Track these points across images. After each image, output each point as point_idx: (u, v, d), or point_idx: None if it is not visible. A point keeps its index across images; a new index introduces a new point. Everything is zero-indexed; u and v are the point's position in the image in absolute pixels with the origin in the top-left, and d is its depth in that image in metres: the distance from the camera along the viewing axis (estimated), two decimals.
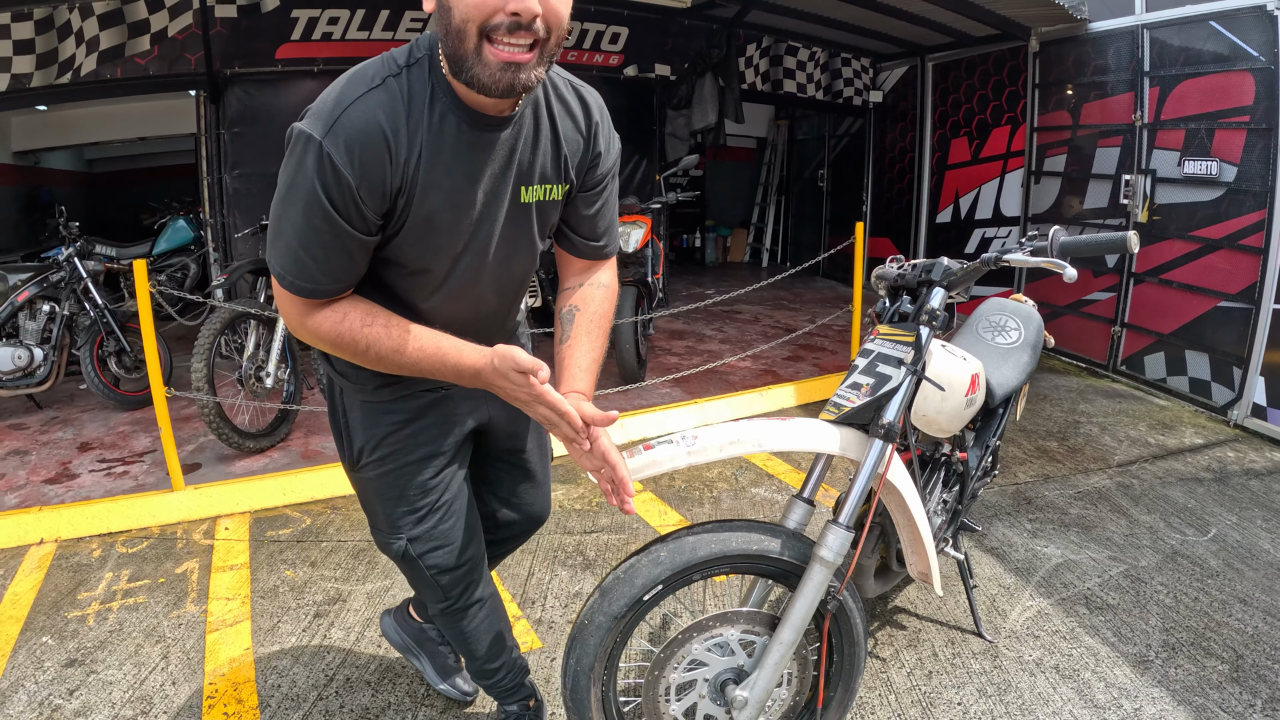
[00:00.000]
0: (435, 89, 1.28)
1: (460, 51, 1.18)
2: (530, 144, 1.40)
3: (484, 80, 1.19)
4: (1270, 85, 4.65)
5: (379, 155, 1.23)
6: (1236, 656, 2.52)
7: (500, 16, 1.13)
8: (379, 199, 1.26)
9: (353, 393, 1.59)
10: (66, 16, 5.27)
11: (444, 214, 1.34)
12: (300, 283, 1.29)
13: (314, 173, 1.20)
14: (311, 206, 1.22)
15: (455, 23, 1.15)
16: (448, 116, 1.28)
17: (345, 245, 1.27)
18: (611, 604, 1.54)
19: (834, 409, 1.70)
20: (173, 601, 2.91)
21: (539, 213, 1.48)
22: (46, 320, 4.84)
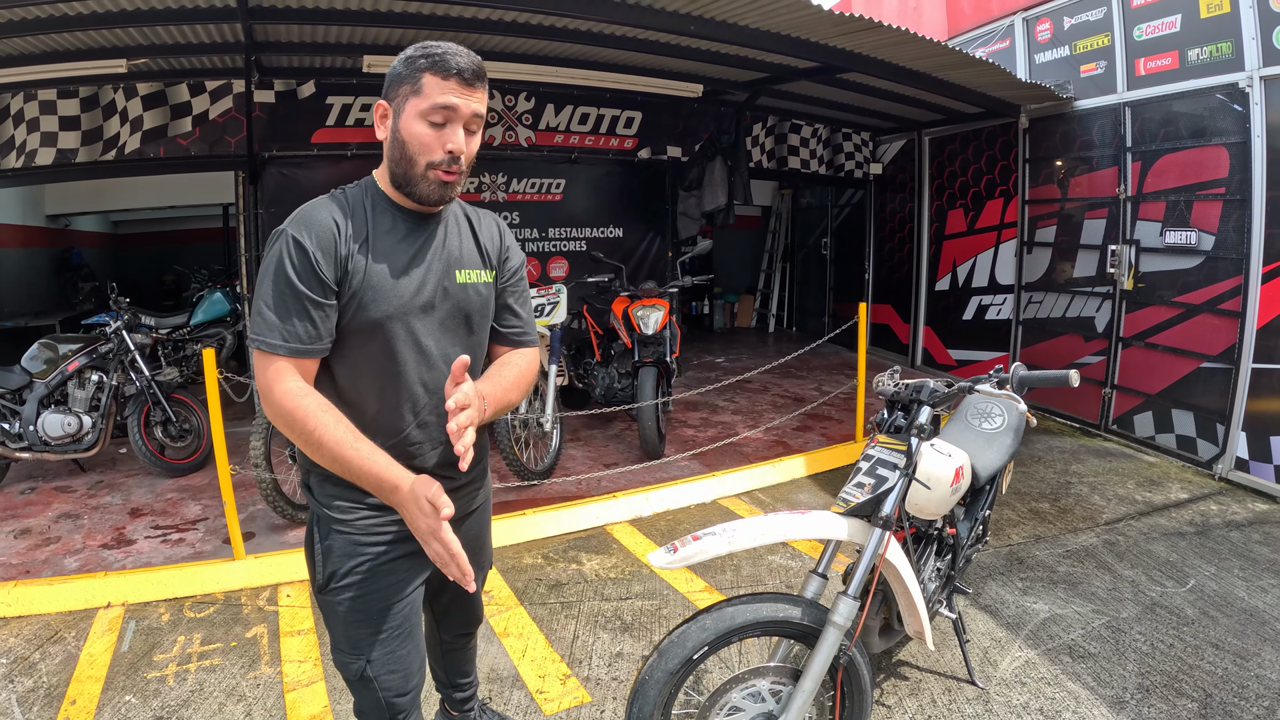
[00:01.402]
0: (374, 196, 1.69)
1: (410, 174, 1.63)
2: (457, 237, 1.79)
3: (425, 193, 1.64)
4: (1244, 159, 5.09)
5: (329, 231, 1.59)
6: (1206, 695, 2.86)
7: (441, 154, 1.60)
8: (333, 265, 1.58)
9: (333, 522, 1.72)
10: (111, 96, 5.61)
11: (389, 278, 1.64)
12: (268, 339, 1.55)
13: (281, 252, 1.56)
14: (279, 276, 1.55)
15: (409, 153, 1.61)
16: (385, 213, 1.69)
17: (304, 305, 1.55)
18: (668, 662, 1.95)
19: (842, 503, 2.14)
20: (248, 663, 3.13)
21: (473, 293, 1.79)
22: (95, 389, 5.10)
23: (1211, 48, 5.21)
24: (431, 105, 1.57)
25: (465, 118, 1.61)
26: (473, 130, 1.65)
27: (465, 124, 1.62)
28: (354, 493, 1.68)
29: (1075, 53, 6.36)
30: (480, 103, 1.63)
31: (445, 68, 1.57)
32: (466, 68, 1.58)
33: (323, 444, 1.52)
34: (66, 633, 3.40)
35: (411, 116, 1.60)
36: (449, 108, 1.58)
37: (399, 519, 1.69)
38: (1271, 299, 4.95)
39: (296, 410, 1.53)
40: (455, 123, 1.61)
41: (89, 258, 10.30)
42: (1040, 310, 7.00)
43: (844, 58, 5.33)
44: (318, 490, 1.74)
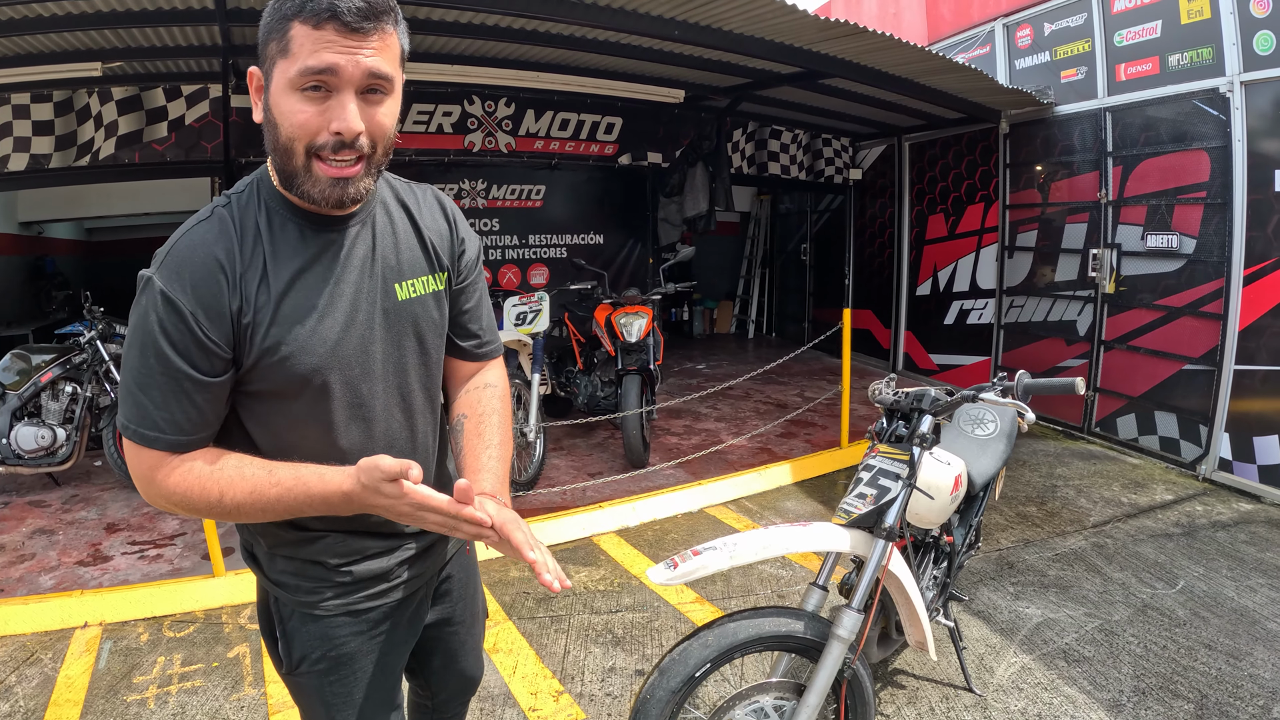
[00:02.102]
0: (268, 204, 1.25)
1: (289, 167, 1.18)
2: (390, 239, 1.36)
3: (314, 195, 1.19)
4: (1224, 163, 5.15)
5: (212, 277, 1.17)
6: (1201, 696, 2.87)
7: (325, 136, 1.14)
8: (222, 325, 1.17)
9: (297, 604, 1.40)
10: (86, 100, 5.47)
11: (305, 319, 1.24)
12: (141, 429, 1.17)
13: (150, 309, 1.15)
14: (147, 346, 1.15)
15: (283, 140, 1.16)
16: (287, 224, 1.25)
17: (183, 387, 1.17)
18: (670, 680, 1.90)
19: (844, 514, 2.10)
20: (230, 685, 3.04)
21: (421, 310, 1.38)
22: (69, 401, 4.98)
23: (1192, 53, 5.27)
24: (301, 68, 1.11)
25: (356, 79, 1.13)
26: (378, 93, 1.18)
27: (363, 87, 1.15)
28: (314, 568, 1.37)
29: (1056, 58, 6.42)
30: (380, 54, 1.14)
31: (316, 10, 1.09)
32: (347, 7, 1.09)
33: (240, 505, 1.19)
34: (43, 654, 3.30)
35: (281, 86, 1.14)
36: (327, 68, 1.11)
37: (378, 590, 1.42)
38: (1253, 301, 5.01)
39: (191, 488, 1.19)
40: (343, 90, 1.13)
41: (61, 266, 10.10)
42: (1022, 314, 7.04)
43: (827, 63, 5.33)
44: (268, 566, 1.40)
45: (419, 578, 1.49)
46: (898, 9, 8.65)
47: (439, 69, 5.89)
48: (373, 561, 1.40)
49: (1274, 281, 4.90)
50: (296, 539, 1.36)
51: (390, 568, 1.42)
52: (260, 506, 1.18)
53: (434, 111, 6.50)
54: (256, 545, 1.42)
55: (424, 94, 6.38)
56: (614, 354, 5.72)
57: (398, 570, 1.44)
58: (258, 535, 1.40)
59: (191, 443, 1.21)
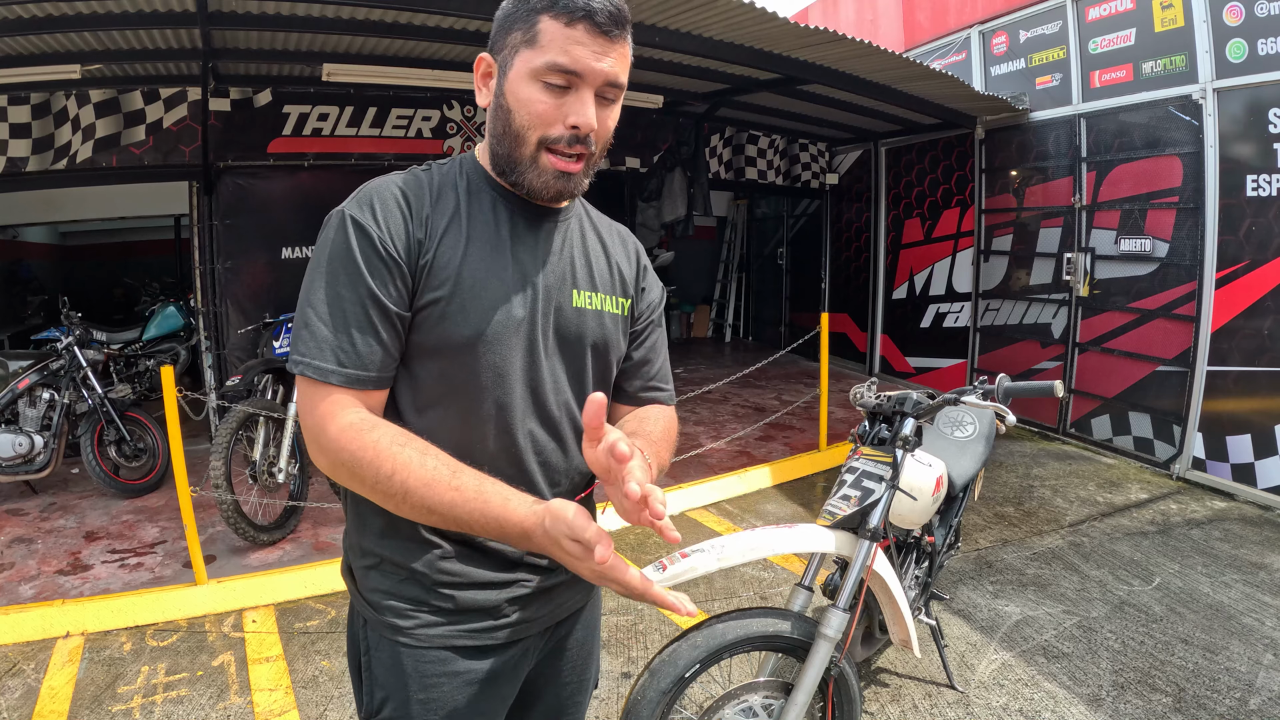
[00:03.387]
0: (471, 177, 1.25)
1: (516, 155, 1.18)
2: (580, 247, 1.32)
3: (535, 185, 1.19)
4: (1197, 168, 5.26)
5: (398, 207, 1.17)
6: (1179, 690, 2.94)
7: (560, 129, 1.15)
8: (408, 251, 1.15)
9: (384, 629, 1.25)
10: (63, 103, 5.40)
11: (483, 285, 1.19)
12: (317, 362, 1.12)
13: (337, 236, 1.15)
14: (335, 271, 1.14)
15: (515, 127, 1.16)
16: (483, 196, 1.24)
17: (368, 313, 1.13)
18: (660, 682, 1.92)
19: (828, 515, 2.13)
20: (215, 694, 3.02)
21: (595, 324, 1.31)
22: (46, 408, 4.92)
23: (1165, 61, 5.38)
24: (549, 63, 1.11)
25: (598, 82, 1.14)
26: (609, 100, 1.18)
27: (598, 90, 1.15)
28: (411, 586, 1.23)
29: (1031, 65, 6.52)
30: (621, 61, 1.16)
31: (571, 8, 1.10)
32: (601, 9, 1.11)
33: (409, 491, 1.07)
34: (25, 665, 3.26)
35: (522, 75, 1.14)
36: (575, 66, 1.12)
37: (481, 627, 1.26)
38: (1225, 304, 5.12)
39: (364, 450, 1.08)
40: (583, 88, 1.14)
41: (35, 270, 9.97)
42: (997, 317, 7.13)
43: (806, 69, 5.39)
44: (362, 581, 1.28)
45: (532, 623, 1.32)
46: (875, 15, 8.73)
47: (418, 74, 5.88)
48: (480, 592, 1.25)
49: (1246, 284, 5.00)
50: (399, 548, 1.23)
51: (500, 603, 1.27)
52: (429, 503, 1.07)
53: (413, 116, 6.49)
54: (354, 558, 1.30)
55: (403, 98, 6.37)
56: None
57: (508, 608, 1.28)
58: (360, 543, 1.28)
59: (369, 380, 1.15)
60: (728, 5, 4.11)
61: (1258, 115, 4.91)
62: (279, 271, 6.19)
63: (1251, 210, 4.99)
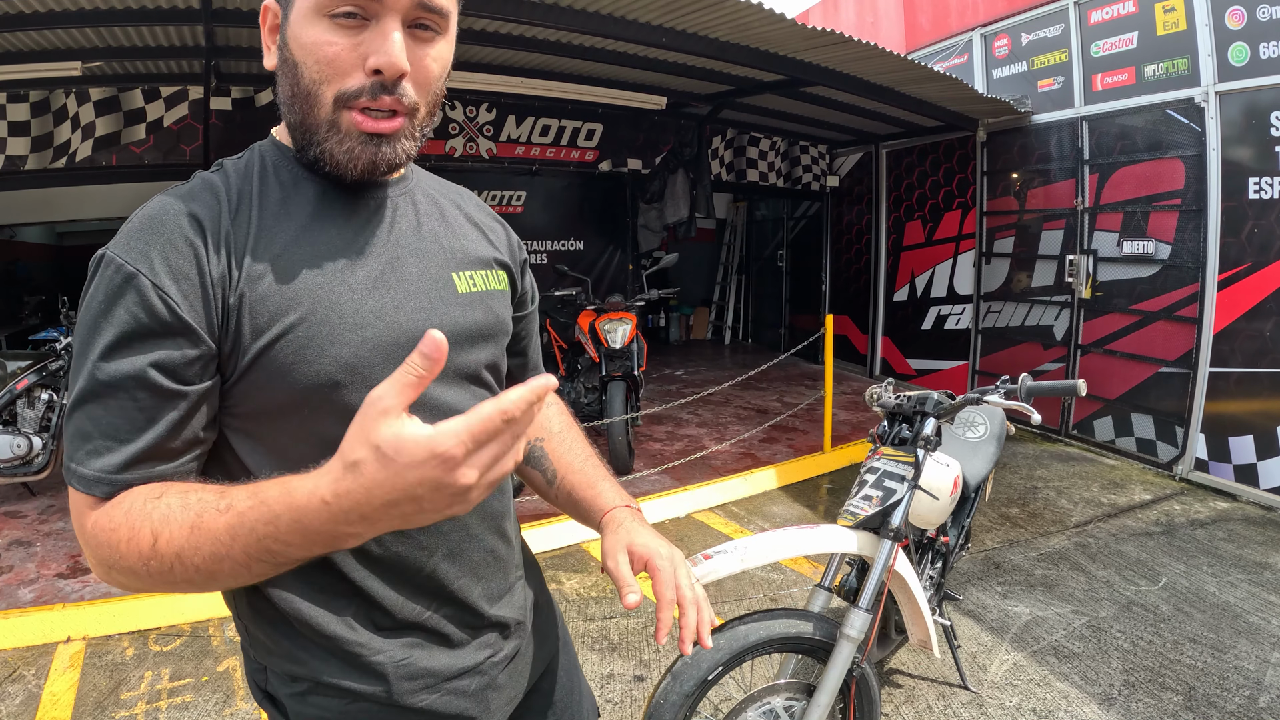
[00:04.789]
0: (274, 164, 0.95)
1: (311, 120, 0.89)
2: (439, 221, 1.05)
3: (339, 156, 0.89)
4: (1199, 171, 5.28)
5: (185, 237, 0.84)
6: (1189, 689, 2.94)
7: (359, 78, 0.86)
8: (198, 297, 0.83)
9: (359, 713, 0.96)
10: (63, 101, 5.39)
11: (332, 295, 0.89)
12: (83, 470, 0.80)
13: (101, 293, 0.82)
14: (93, 344, 0.81)
15: (305, 83, 0.87)
16: (301, 182, 0.94)
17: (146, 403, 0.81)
18: (682, 685, 1.90)
19: (850, 516, 2.12)
20: (222, 699, 2.97)
21: (486, 311, 1.05)
22: (45, 408, 4.85)
23: (1168, 64, 5.40)
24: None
25: (403, 6, 0.85)
26: (427, 30, 0.89)
27: (406, 17, 0.86)
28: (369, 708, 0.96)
29: (1033, 68, 6.54)
30: None
31: None
32: None
33: (180, 554, 0.75)
34: (26, 670, 3.22)
35: (304, 14, 0.86)
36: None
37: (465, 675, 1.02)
38: (1227, 305, 5.13)
39: (117, 534, 0.78)
40: (385, 17, 0.85)
41: (33, 269, 9.92)
42: (999, 319, 7.14)
43: (810, 71, 5.39)
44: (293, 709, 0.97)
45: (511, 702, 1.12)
46: (876, 18, 8.75)
47: None
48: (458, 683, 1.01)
49: (1248, 286, 5.02)
50: (332, 666, 0.94)
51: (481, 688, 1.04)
52: (207, 552, 0.75)
53: None
54: (276, 679, 0.99)
55: None
56: (598, 360, 5.72)
57: (482, 697, 1.04)
58: (278, 661, 0.97)
59: (152, 480, 0.82)
60: (735, 6, 4.11)
61: (1259, 118, 4.93)
62: None
63: (1253, 213, 5.00)
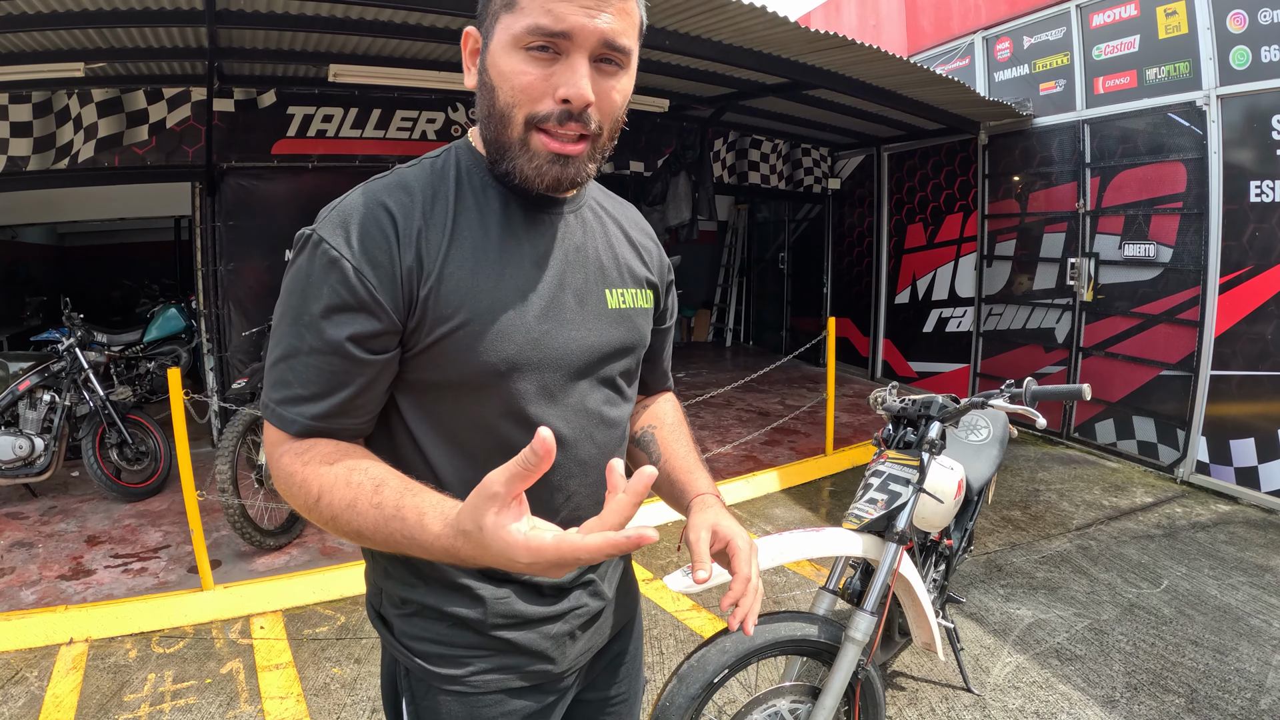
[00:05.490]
0: (469, 170, 1.08)
1: (503, 138, 1.01)
2: (604, 240, 1.18)
3: (527, 172, 1.01)
4: (1201, 174, 5.29)
5: (380, 228, 0.99)
6: (1191, 691, 2.96)
7: (549, 104, 0.97)
8: (392, 286, 0.98)
9: (435, 679, 1.12)
10: (65, 102, 5.36)
11: (504, 299, 1.04)
12: (280, 409, 1.00)
13: (306, 268, 0.99)
14: (301, 311, 0.99)
15: (500, 106, 0.99)
16: (489, 191, 1.07)
17: (336, 364, 0.98)
18: (688, 687, 1.91)
19: (855, 519, 2.13)
20: (225, 702, 2.98)
21: (630, 326, 1.18)
22: (47, 410, 4.87)
23: (1169, 67, 5.41)
24: (529, 25, 0.94)
25: (591, 43, 0.95)
26: (612, 65, 0.99)
27: (594, 53, 0.97)
28: (463, 633, 1.11)
29: (1035, 71, 6.54)
30: (622, 18, 0.97)
31: None
32: None
33: (336, 518, 0.93)
34: (28, 672, 3.22)
35: (503, 44, 0.97)
36: (559, 25, 0.94)
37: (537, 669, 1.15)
38: (1229, 308, 5.14)
39: (294, 476, 0.98)
40: (574, 53, 0.96)
41: (35, 270, 9.92)
42: (1000, 322, 7.15)
43: (813, 74, 5.40)
44: (401, 630, 1.14)
45: (588, 651, 1.24)
46: (878, 21, 8.76)
47: (424, 75, 5.87)
48: (537, 629, 1.14)
49: (1249, 289, 5.03)
50: (438, 594, 1.11)
51: (559, 636, 1.17)
52: (354, 526, 0.92)
53: (418, 118, 6.48)
54: (389, 602, 1.15)
55: (408, 101, 6.36)
56: None
57: (566, 641, 1.18)
58: (393, 587, 1.14)
59: (333, 432, 1.01)
60: (738, 9, 4.11)
61: (1261, 122, 4.94)
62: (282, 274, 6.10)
63: (1255, 216, 5.01)
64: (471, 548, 0.80)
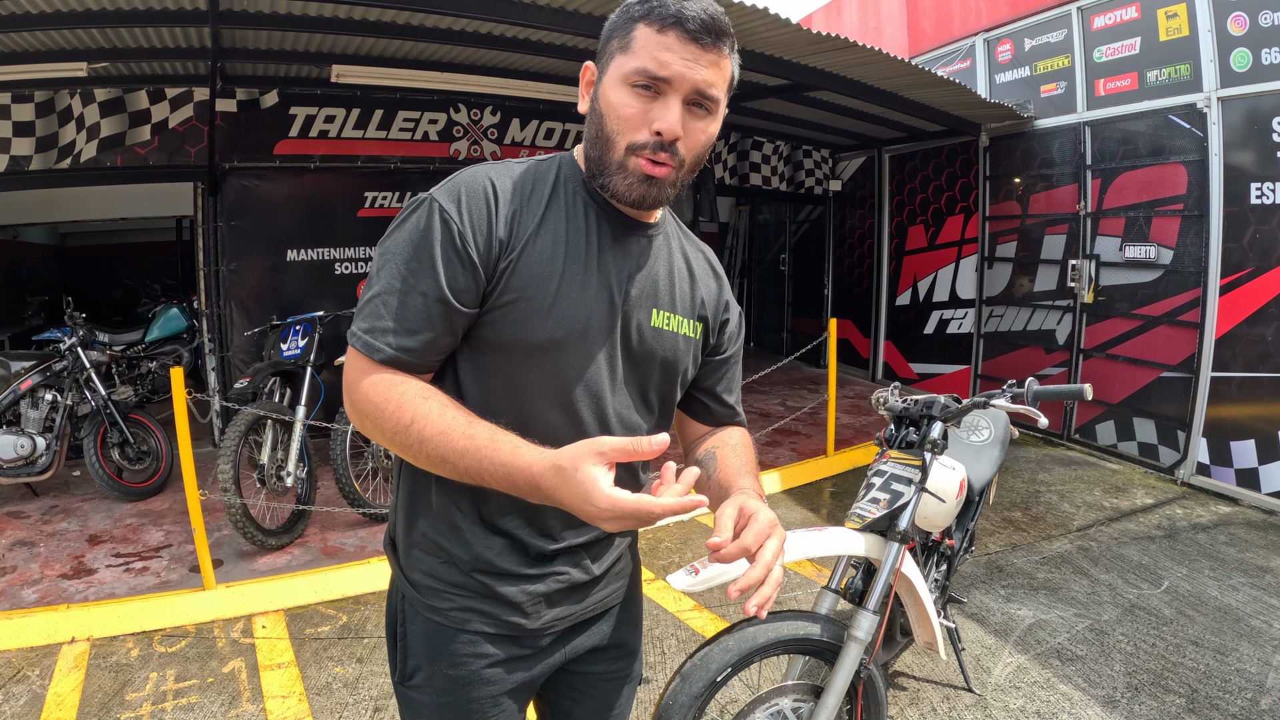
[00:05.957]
0: (567, 178, 1.26)
1: (606, 159, 1.19)
2: (666, 265, 1.33)
3: (620, 188, 1.19)
4: (1201, 176, 5.30)
5: (486, 202, 1.18)
6: (1191, 691, 2.97)
7: (645, 134, 1.15)
8: (487, 250, 1.17)
9: (423, 607, 1.31)
10: (68, 101, 5.38)
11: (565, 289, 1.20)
12: (370, 338, 1.16)
13: (420, 221, 1.17)
14: (409, 256, 1.16)
15: (606, 131, 1.18)
16: (578, 197, 1.25)
17: (430, 306, 1.15)
18: (691, 686, 1.91)
19: (857, 519, 2.13)
20: (227, 701, 2.98)
21: (669, 345, 1.32)
22: (49, 409, 4.86)
23: (1170, 69, 5.42)
24: (637, 68, 1.13)
25: (686, 89, 1.14)
26: (702, 109, 1.18)
27: (687, 98, 1.15)
28: (450, 570, 1.29)
29: (1036, 73, 6.55)
30: (714, 71, 1.16)
31: (664, 15, 1.12)
32: (693, 16, 1.12)
33: (425, 440, 1.10)
34: (30, 670, 3.22)
35: (614, 80, 1.17)
36: (661, 71, 1.13)
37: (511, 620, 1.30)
38: (1229, 310, 5.15)
39: (388, 401, 1.13)
40: (670, 94, 1.14)
41: (36, 270, 9.91)
42: (1001, 324, 7.16)
43: (815, 76, 5.40)
44: (405, 558, 1.34)
45: (564, 619, 1.36)
46: (879, 23, 8.77)
47: (426, 76, 5.88)
48: (515, 584, 1.30)
49: (1249, 291, 5.04)
50: (445, 531, 1.28)
51: (534, 596, 1.31)
52: (443, 451, 1.10)
53: (419, 119, 6.49)
54: (399, 530, 1.35)
55: (410, 101, 6.37)
56: None
57: (541, 602, 1.32)
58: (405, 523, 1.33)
59: (413, 366, 1.18)
60: (741, 11, 4.12)
61: (1261, 124, 4.95)
62: (284, 274, 6.17)
63: (1255, 218, 5.02)
64: (558, 482, 1.00)
